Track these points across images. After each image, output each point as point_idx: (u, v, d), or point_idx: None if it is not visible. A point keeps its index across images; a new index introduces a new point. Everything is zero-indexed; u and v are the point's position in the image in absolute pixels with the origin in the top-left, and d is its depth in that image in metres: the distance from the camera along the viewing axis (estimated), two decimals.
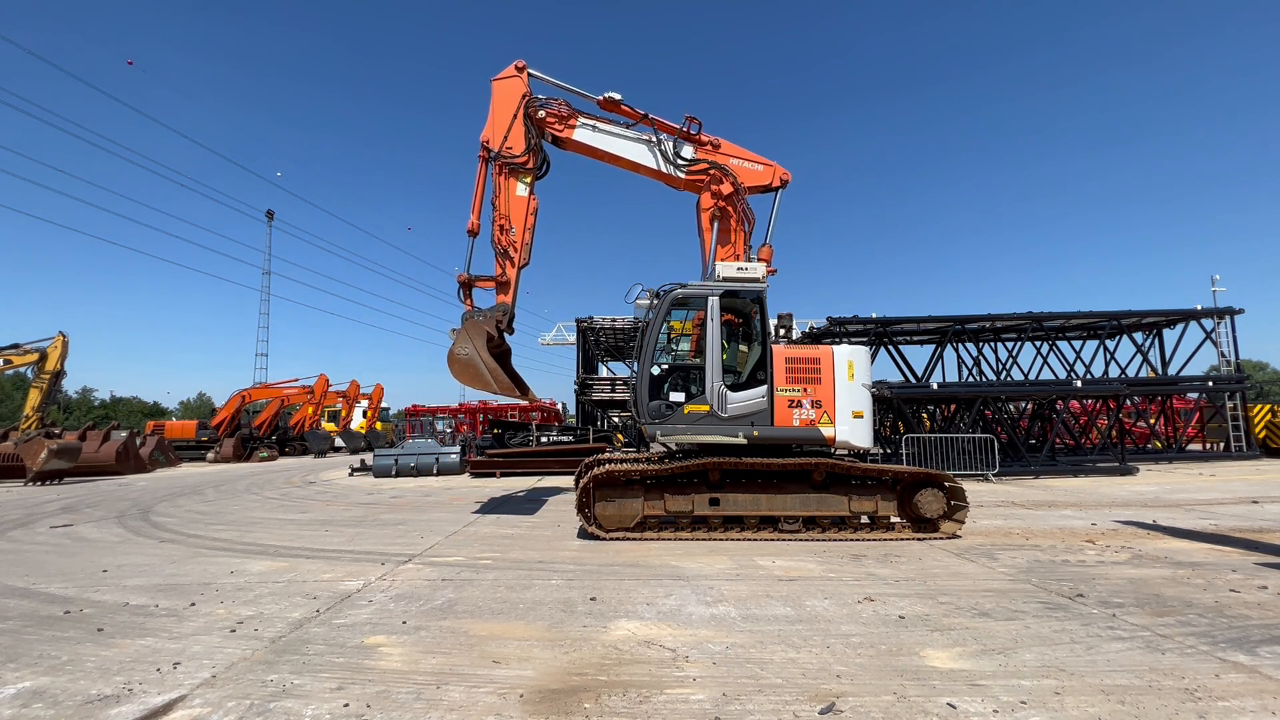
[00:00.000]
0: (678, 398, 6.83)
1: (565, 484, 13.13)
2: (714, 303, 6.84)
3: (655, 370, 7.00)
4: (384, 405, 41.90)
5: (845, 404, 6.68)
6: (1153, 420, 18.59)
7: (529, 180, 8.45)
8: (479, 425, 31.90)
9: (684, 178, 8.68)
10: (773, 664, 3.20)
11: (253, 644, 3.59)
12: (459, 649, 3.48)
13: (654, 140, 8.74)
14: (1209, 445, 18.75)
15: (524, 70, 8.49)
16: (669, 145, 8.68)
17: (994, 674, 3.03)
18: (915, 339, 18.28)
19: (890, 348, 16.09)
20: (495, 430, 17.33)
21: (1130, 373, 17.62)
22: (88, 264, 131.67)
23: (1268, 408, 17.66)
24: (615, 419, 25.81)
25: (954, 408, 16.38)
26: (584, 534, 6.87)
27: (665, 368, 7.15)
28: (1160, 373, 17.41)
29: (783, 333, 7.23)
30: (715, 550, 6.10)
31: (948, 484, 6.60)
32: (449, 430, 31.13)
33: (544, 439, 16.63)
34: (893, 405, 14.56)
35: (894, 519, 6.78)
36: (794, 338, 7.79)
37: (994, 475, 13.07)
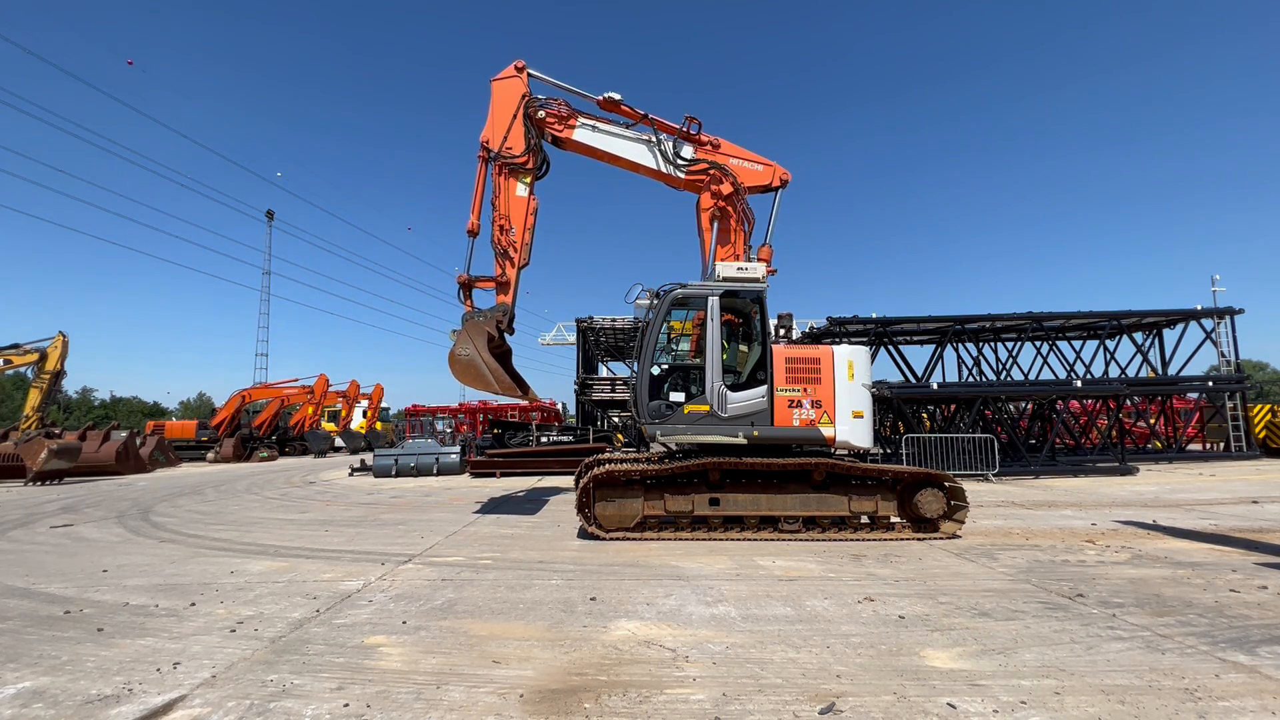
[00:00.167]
0: (678, 398, 6.83)
1: (565, 484, 13.13)
2: (714, 303, 6.85)
3: (655, 370, 7.01)
4: (384, 405, 41.91)
5: (845, 404, 6.68)
6: (1153, 420, 18.59)
7: (529, 180, 8.45)
8: (479, 425, 31.88)
9: (684, 178, 8.68)
10: (773, 664, 3.20)
11: (253, 644, 3.59)
12: (459, 649, 3.48)
13: (654, 140, 8.73)
14: (1209, 445, 18.75)
15: (524, 70, 8.49)
16: (669, 145, 8.68)
17: (994, 674, 3.03)
18: (915, 339, 18.28)
19: (890, 348, 16.10)
20: (495, 430, 17.32)
21: (1130, 373, 17.62)
22: (88, 264, 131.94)
23: (1268, 408, 17.67)
24: (615, 419, 25.82)
25: (954, 408, 16.39)
26: (584, 534, 6.87)
27: (665, 368, 7.15)
28: (1160, 373, 17.41)
29: (783, 333, 7.23)
30: (715, 550, 6.10)
31: (948, 484, 6.60)
32: (449, 430, 31.11)
33: (544, 439, 16.63)
34: (893, 405, 14.57)
35: (894, 519, 6.78)
36: (794, 338, 7.79)
37: (994, 475, 13.07)
